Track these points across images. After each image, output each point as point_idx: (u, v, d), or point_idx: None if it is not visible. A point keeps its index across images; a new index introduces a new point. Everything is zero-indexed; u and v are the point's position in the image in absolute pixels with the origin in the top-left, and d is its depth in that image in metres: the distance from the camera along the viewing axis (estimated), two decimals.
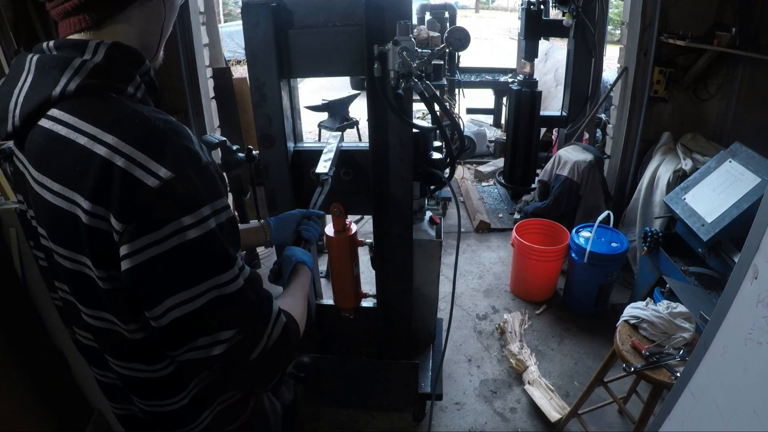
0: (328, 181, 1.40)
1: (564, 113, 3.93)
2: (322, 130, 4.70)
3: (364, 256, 1.94)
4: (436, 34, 3.50)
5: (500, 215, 3.92)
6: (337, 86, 7.10)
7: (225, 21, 10.14)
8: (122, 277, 0.63)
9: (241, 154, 1.75)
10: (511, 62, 6.61)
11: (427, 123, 1.90)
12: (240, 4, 2.13)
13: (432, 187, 1.94)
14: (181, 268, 0.63)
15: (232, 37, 7.87)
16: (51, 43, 0.69)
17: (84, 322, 0.74)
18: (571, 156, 3.18)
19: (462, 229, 1.99)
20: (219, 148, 1.82)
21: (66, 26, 0.70)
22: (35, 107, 0.65)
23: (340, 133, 1.71)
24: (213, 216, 0.64)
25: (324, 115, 4.69)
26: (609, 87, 3.29)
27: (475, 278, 3.17)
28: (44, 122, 0.65)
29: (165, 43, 0.81)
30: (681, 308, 1.67)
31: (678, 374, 1.29)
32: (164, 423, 0.81)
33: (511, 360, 2.37)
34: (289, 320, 0.76)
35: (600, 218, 2.57)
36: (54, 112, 0.65)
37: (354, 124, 4.68)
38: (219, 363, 0.67)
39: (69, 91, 0.64)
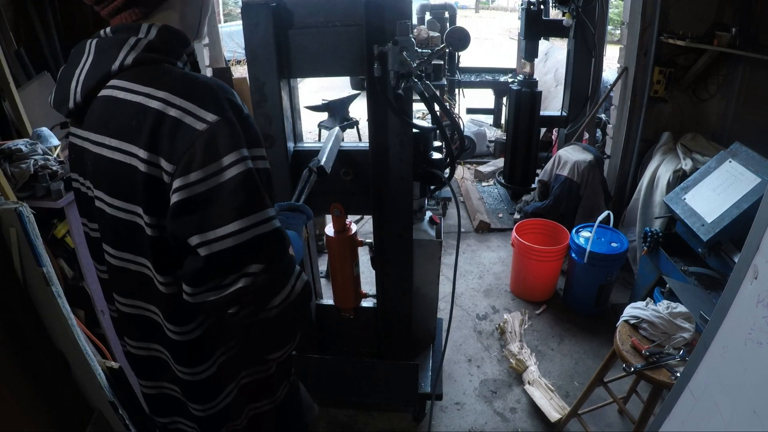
0: (316, 172, 1.33)
1: (564, 113, 3.93)
2: (322, 130, 4.69)
3: (364, 256, 1.94)
4: (436, 34, 3.51)
5: (500, 215, 3.92)
6: (337, 86, 7.10)
7: (225, 21, 10.14)
8: (169, 212, 0.68)
9: None
10: (511, 62, 6.60)
11: (427, 123, 1.89)
12: (240, 4, 2.13)
13: (432, 187, 1.94)
14: (223, 202, 0.67)
15: (232, 37, 7.87)
16: (107, 29, 0.77)
17: (126, 288, 0.82)
18: (571, 156, 3.18)
19: (462, 229, 1.99)
20: None
21: (117, 22, 0.77)
22: (96, 82, 0.74)
23: (337, 128, 1.69)
24: (251, 159, 0.71)
25: (324, 115, 4.69)
26: (609, 87, 3.29)
27: (475, 278, 3.17)
28: (103, 92, 0.74)
29: None
30: (681, 308, 1.67)
31: (678, 374, 1.29)
32: (193, 394, 0.84)
33: (511, 360, 2.37)
34: (307, 281, 0.79)
35: (600, 218, 2.57)
36: (113, 81, 0.73)
37: (354, 124, 4.67)
38: (239, 303, 0.68)
39: (126, 63, 0.72)
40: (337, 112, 4.58)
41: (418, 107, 3.75)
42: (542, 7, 3.59)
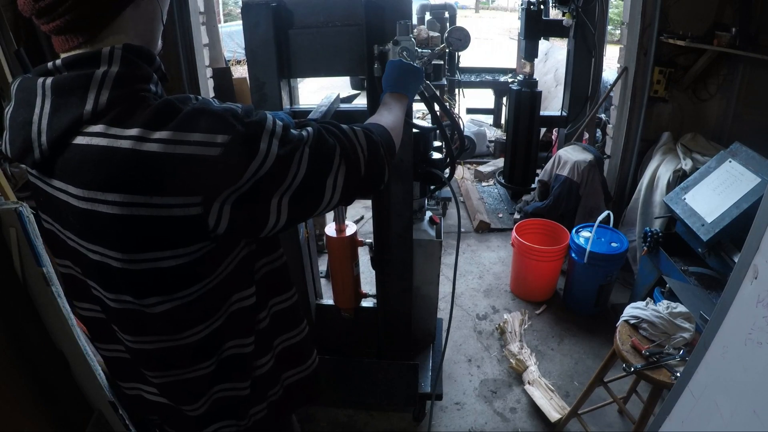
0: None
1: (564, 113, 3.93)
2: None
3: (364, 256, 1.94)
4: (436, 34, 3.49)
5: (500, 215, 3.92)
6: (337, 86, 7.10)
7: (225, 21, 10.12)
8: (232, 218, 0.68)
9: None
10: (511, 62, 6.60)
11: (427, 123, 1.90)
12: (240, 4, 2.13)
13: (432, 187, 1.94)
14: (269, 186, 0.70)
15: (232, 37, 7.85)
16: (58, 62, 0.68)
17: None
18: (571, 156, 3.18)
19: (462, 229, 1.99)
20: None
21: (62, 41, 0.68)
22: (65, 129, 0.65)
23: (337, 93, 1.70)
24: (271, 141, 0.70)
25: None
26: (609, 87, 3.29)
27: (475, 278, 3.17)
28: (81, 140, 0.65)
29: (164, 45, 0.82)
30: (681, 308, 1.67)
31: (678, 374, 1.29)
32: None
33: (511, 360, 2.37)
34: (368, 128, 0.87)
35: (600, 218, 2.57)
36: (92, 128, 0.64)
37: None
38: (348, 190, 0.80)
39: (101, 105, 0.64)
40: None
41: (418, 107, 3.75)
42: (542, 7, 3.59)
